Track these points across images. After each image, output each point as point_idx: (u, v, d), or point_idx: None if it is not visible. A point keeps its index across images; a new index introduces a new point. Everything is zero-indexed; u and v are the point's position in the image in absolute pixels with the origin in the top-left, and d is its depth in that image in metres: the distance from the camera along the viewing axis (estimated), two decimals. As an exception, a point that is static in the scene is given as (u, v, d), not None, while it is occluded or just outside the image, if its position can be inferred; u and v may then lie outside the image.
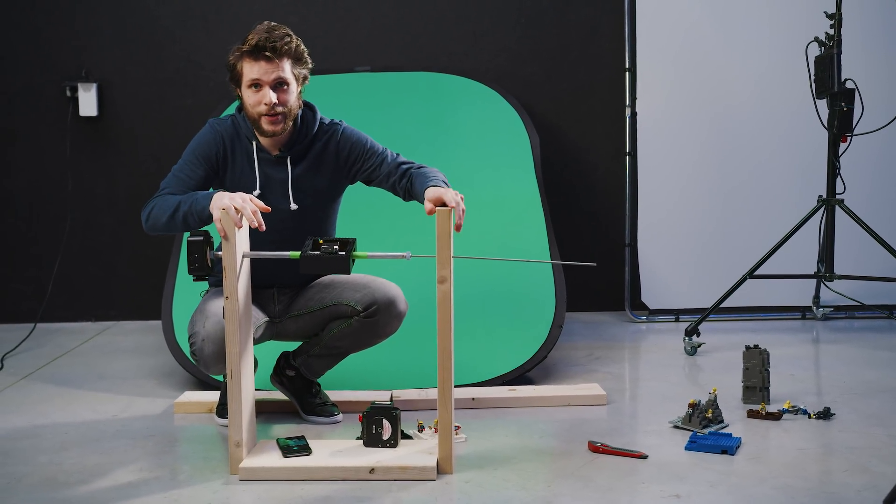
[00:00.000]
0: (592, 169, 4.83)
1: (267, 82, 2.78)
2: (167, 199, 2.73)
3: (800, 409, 3.04)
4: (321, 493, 2.43)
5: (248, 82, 2.80)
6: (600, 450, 2.70)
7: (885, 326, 4.45)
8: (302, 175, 2.90)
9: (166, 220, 2.71)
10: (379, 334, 2.95)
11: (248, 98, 2.81)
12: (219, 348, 2.71)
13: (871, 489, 2.40)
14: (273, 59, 2.77)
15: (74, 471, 2.61)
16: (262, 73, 2.78)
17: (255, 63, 2.77)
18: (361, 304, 2.89)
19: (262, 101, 2.78)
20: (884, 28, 4.44)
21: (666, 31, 4.59)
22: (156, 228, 2.75)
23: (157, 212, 2.73)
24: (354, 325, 2.92)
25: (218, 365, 2.77)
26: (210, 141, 2.87)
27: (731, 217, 4.65)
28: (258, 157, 2.88)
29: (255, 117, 2.82)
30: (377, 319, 2.90)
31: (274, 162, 2.89)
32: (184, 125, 4.65)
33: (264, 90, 2.78)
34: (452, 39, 4.76)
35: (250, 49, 2.77)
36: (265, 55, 2.76)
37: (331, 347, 2.98)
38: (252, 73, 2.78)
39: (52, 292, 4.55)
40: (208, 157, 2.85)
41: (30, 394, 3.43)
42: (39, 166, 4.69)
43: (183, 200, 2.69)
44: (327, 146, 2.93)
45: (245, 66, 2.79)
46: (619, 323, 4.62)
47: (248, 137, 2.89)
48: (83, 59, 4.66)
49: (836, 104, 3.98)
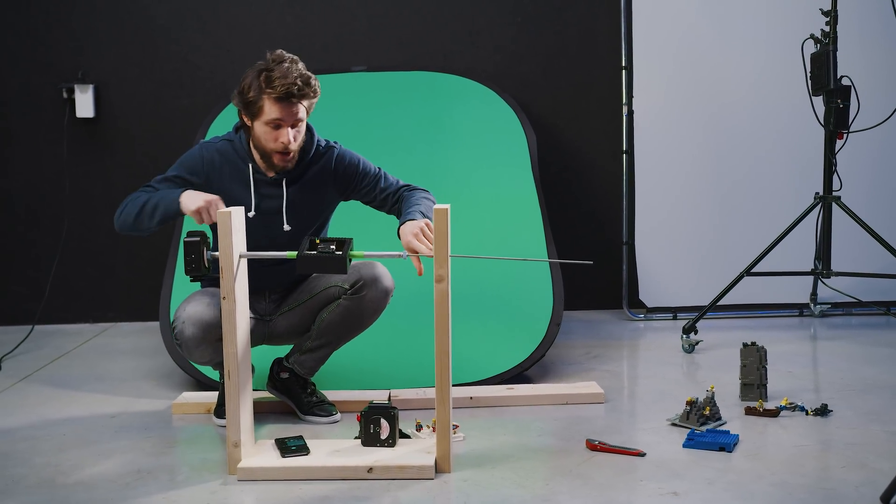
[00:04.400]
0: (589, 167, 4.83)
1: (287, 123, 2.82)
2: (139, 196, 2.84)
3: (797, 405, 3.04)
4: (319, 492, 2.43)
5: (268, 121, 2.82)
6: (598, 448, 2.70)
7: (882, 323, 4.46)
8: (296, 197, 2.94)
9: (135, 215, 2.81)
10: (367, 312, 2.96)
11: (263, 133, 2.84)
12: (199, 330, 2.78)
13: (868, 485, 2.40)
14: (297, 102, 2.81)
15: (73, 472, 2.61)
16: (285, 115, 2.81)
17: (280, 106, 2.80)
18: (348, 282, 2.93)
19: (280, 140, 2.82)
20: (879, 25, 4.44)
21: (662, 30, 4.60)
22: (126, 225, 2.85)
23: (128, 208, 2.84)
24: (342, 305, 2.94)
25: (199, 348, 2.81)
26: (198, 160, 2.92)
27: (729, 214, 4.66)
28: (254, 178, 2.92)
29: (266, 152, 2.86)
30: (364, 295, 2.93)
31: (269, 183, 2.93)
32: (180, 126, 4.66)
33: (284, 130, 2.82)
34: (449, 38, 4.76)
35: (280, 96, 2.78)
36: (292, 101, 2.80)
37: (322, 337, 3.00)
38: (274, 114, 2.80)
39: (50, 294, 4.55)
40: (193, 175, 2.90)
41: (28, 395, 3.43)
42: (37, 168, 4.69)
43: (153, 195, 2.80)
44: (323, 169, 2.98)
45: (267, 105, 2.80)
46: (616, 321, 4.62)
47: (243, 160, 2.92)
48: (80, 60, 4.66)
49: (833, 101, 3.98)
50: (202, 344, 2.81)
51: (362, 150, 3.06)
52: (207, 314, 2.80)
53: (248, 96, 2.81)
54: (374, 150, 3.40)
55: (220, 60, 4.71)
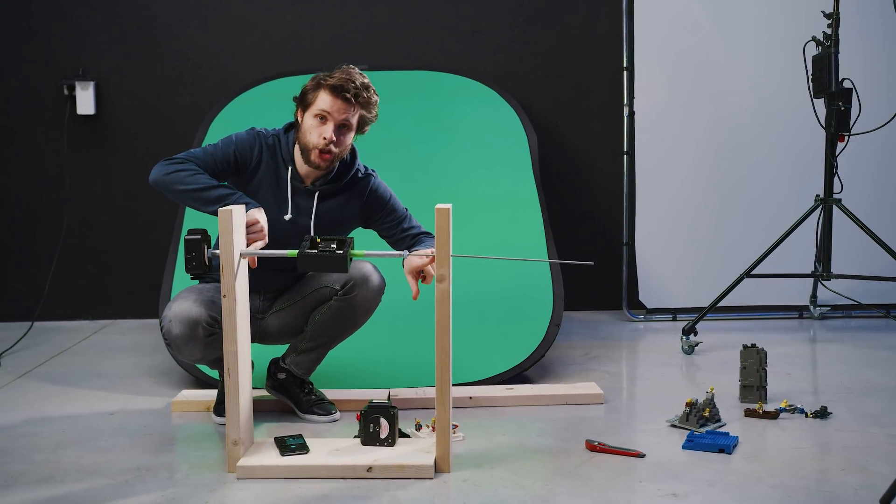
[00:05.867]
0: (590, 168, 4.83)
1: (334, 119, 2.82)
2: (201, 175, 2.76)
3: (797, 408, 3.04)
4: (319, 491, 2.43)
5: (317, 111, 2.83)
6: (598, 448, 2.70)
7: (881, 326, 4.46)
8: (325, 211, 2.95)
9: (189, 188, 2.73)
10: (359, 312, 2.96)
11: (309, 125, 2.85)
12: (186, 328, 2.78)
13: (867, 488, 2.40)
14: (350, 102, 2.82)
15: (71, 469, 2.61)
16: (334, 108, 2.81)
17: (333, 98, 2.81)
18: (339, 283, 2.93)
19: (322, 135, 2.82)
20: (881, 27, 4.44)
21: (664, 31, 4.60)
22: (166, 185, 2.76)
23: (183, 175, 2.75)
24: (334, 306, 2.94)
25: (188, 346, 2.81)
26: (249, 148, 2.90)
27: (729, 216, 4.66)
28: (291, 184, 2.91)
29: (307, 146, 2.86)
30: (355, 296, 2.93)
31: (303, 192, 2.93)
32: (181, 123, 4.66)
33: (328, 124, 2.83)
34: (450, 38, 4.76)
35: (334, 85, 2.80)
36: (345, 96, 2.80)
37: (316, 337, 3.00)
38: (324, 105, 2.82)
39: (50, 291, 4.55)
40: (239, 160, 2.88)
41: (27, 392, 3.43)
42: (37, 165, 4.69)
43: (223, 188, 2.74)
44: (356, 194, 2.99)
45: (320, 96, 2.82)
46: (616, 322, 4.62)
47: (285, 161, 2.92)
48: (81, 57, 4.65)
49: (834, 104, 3.98)
50: (190, 342, 2.80)
51: (363, 148, 3.06)
52: (194, 311, 2.80)
53: (307, 86, 2.86)
54: (374, 149, 3.40)
55: (222, 58, 4.71)
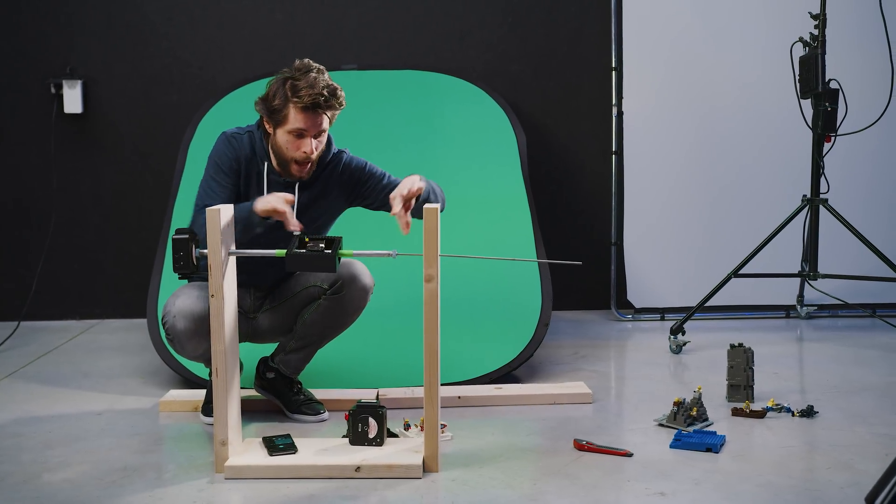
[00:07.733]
0: (579, 168, 4.84)
1: (310, 133, 2.81)
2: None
3: (784, 407, 3.06)
4: (307, 491, 2.42)
5: (292, 130, 2.80)
6: (586, 448, 2.71)
7: (868, 325, 4.48)
8: (307, 201, 2.93)
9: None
10: (347, 311, 2.96)
11: (285, 141, 2.82)
12: (191, 323, 2.77)
13: (853, 486, 2.41)
14: (322, 113, 2.80)
15: (59, 469, 2.60)
16: (309, 124, 2.80)
17: (305, 115, 2.79)
18: (327, 281, 2.94)
19: (302, 149, 2.81)
20: (867, 28, 4.45)
21: (653, 31, 4.61)
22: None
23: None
24: (323, 305, 2.95)
25: (192, 342, 2.80)
26: (231, 155, 2.88)
27: (717, 216, 4.67)
28: (269, 178, 2.90)
29: (285, 159, 2.84)
30: (343, 295, 2.93)
31: (282, 185, 2.91)
32: (170, 122, 4.65)
33: (307, 139, 2.81)
34: (439, 38, 4.76)
35: (307, 105, 2.77)
36: (318, 111, 2.79)
37: (305, 336, 3.00)
38: (299, 123, 2.79)
39: (37, 290, 4.53)
40: (232, 170, 2.87)
41: (14, 392, 3.41)
42: (24, 163, 4.67)
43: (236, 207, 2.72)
44: (332, 173, 2.97)
45: (292, 114, 2.79)
46: (604, 321, 4.63)
47: (260, 158, 2.91)
48: (68, 55, 4.63)
49: (821, 104, 4.00)
50: (195, 337, 2.80)
51: (353, 147, 3.06)
52: (198, 307, 2.80)
53: (274, 104, 2.80)
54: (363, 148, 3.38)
55: (210, 57, 4.69)
